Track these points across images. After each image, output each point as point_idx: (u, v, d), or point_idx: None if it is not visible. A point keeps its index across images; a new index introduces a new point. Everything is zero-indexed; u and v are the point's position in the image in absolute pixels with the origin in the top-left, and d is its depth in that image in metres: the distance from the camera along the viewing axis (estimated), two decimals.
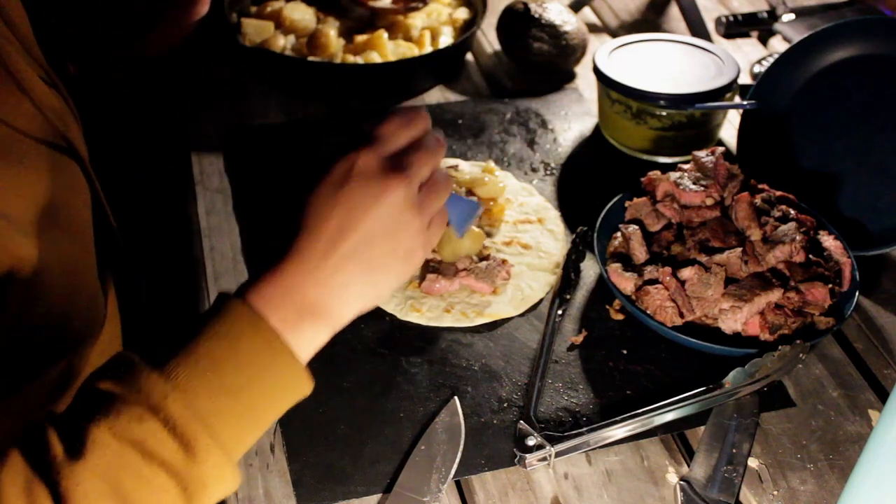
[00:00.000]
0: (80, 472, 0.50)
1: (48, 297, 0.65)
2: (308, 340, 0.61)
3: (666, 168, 0.99)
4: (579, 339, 0.89)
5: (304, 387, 0.60)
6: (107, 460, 0.50)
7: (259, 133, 1.17)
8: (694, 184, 0.94)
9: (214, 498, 0.55)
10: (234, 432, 0.56)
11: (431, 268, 0.93)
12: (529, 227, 1.03)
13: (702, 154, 0.97)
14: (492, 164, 1.10)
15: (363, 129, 0.63)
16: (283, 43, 1.25)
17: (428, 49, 1.26)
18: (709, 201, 0.93)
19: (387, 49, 1.24)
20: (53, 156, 0.68)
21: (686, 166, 0.97)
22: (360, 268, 0.61)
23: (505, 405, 0.83)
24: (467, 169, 1.08)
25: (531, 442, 0.77)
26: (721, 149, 0.97)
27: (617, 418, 0.78)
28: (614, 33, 1.44)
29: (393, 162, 0.61)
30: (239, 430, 0.56)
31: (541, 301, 0.94)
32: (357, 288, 0.61)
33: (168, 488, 0.52)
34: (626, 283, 0.88)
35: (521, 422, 0.79)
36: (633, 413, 0.78)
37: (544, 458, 0.77)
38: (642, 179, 0.98)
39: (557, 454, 0.76)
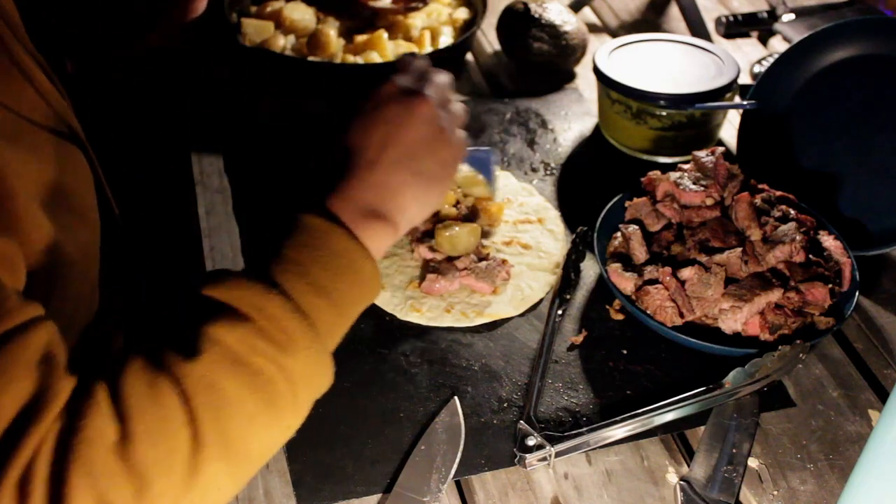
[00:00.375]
0: (198, 367, 0.54)
1: (66, 281, 0.66)
2: (375, 241, 0.65)
3: (666, 168, 0.99)
4: (579, 339, 0.89)
5: (377, 283, 0.65)
6: (220, 356, 0.55)
7: (259, 133, 1.17)
8: (694, 184, 0.94)
9: (314, 388, 0.61)
10: (328, 327, 0.61)
11: (431, 268, 0.93)
12: (529, 227, 1.03)
13: (702, 154, 0.97)
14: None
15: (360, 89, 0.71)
16: (283, 43, 1.25)
17: (428, 49, 1.26)
18: (709, 201, 0.93)
19: (387, 49, 1.24)
20: (58, 142, 0.69)
21: (686, 166, 0.97)
22: (408, 173, 0.67)
23: (505, 405, 0.83)
24: (464, 169, 1.08)
25: (531, 442, 0.77)
26: (721, 149, 0.97)
27: (617, 418, 0.78)
28: (614, 33, 1.44)
29: (415, 87, 0.70)
30: (331, 325, 0.62)
31: (541, 301, 0.94)
32: (409, 192, 0.67)
33: (276, 380, 0.57)
34: (626, 283, 0.88)
35: (522, 422, 0.79)
36: (633, 413, 0.79)
37: (544, 459, 0.77)
38: (642, 179, 0.98)
39: (557, 454, 0.76)
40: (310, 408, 0.61)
